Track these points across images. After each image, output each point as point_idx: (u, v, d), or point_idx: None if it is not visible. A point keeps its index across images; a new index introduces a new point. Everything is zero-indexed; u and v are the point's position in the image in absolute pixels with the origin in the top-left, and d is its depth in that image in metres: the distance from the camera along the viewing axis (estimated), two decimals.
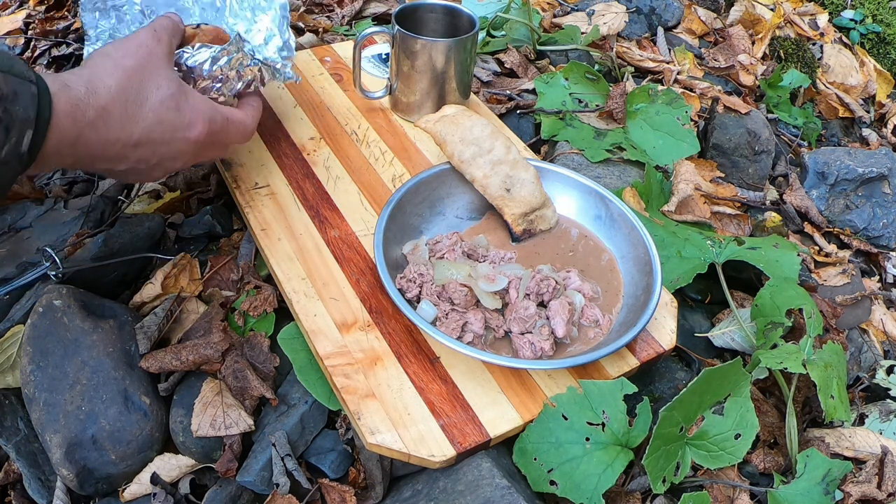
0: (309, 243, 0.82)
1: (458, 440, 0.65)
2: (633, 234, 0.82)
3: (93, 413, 0.69)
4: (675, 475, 0.67)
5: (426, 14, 1.01)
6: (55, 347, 0.71)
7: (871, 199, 1.18)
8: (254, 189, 0.88)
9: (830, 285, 1.03)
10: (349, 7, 1.41)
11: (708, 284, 0.90)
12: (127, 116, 0.64)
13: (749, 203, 1.11)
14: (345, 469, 0.72)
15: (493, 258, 0.81)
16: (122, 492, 0.70)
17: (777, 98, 1.41)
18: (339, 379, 0.69)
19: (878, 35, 1.72)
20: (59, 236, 0.85)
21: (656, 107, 1.12)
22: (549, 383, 0.71)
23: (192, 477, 0.72)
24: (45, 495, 0.71)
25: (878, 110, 1.57)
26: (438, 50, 0.94)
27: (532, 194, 0.84)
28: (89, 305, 0.76)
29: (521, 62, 1.26)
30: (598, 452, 0.66)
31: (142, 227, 0.83)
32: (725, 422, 0.70)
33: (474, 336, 0.72)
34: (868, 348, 0.98)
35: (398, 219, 0.81)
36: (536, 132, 1.12)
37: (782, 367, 0.72)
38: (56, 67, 1.28)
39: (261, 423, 0.73)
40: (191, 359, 0.73)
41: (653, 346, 0.76)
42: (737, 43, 1.48)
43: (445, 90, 0.99)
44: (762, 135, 1.19)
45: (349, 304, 0.76)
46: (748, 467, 0.74)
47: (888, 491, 0.73)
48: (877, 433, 0.81)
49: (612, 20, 1.36)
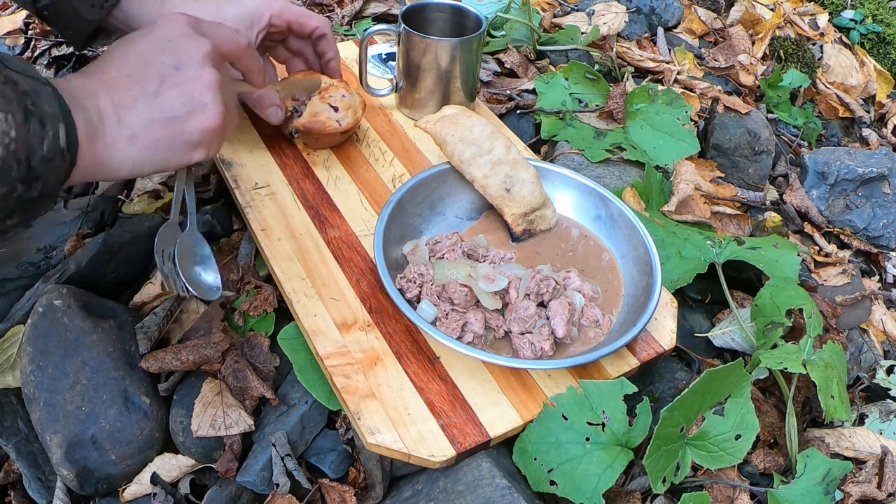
0: (309, 243, 0.82)
1: (458, 440, 0.65)
2: (633, 234, 0.82)
3: (93, 413, 0.69)
4: (675, 475, 0.67)
5: (433, 13, 1.02)
6: (55, 347, 0.71)
7: (871, 199, 1.18)
8: (254, 189, 0.88)
9: (830, 285, 1.03)
10: (349, 7, 1.41)
11: (708, 284, 0.90)
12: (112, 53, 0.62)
13: (749, 203, 1.11)
14: (345, 469, 0.72)
15: (493, 258, 0.81)
16: (122, 492, 0.70)
17: (777, 98, 1.41)
18: (339, 379, 0.69)
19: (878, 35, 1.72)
20: (58, 236, 0.85)
21: (656, 107, 1.12)
22: (549, 383, 0.71)
23: (192, 477, 0.72)
24: (45, 495, 0.71)
25: (878, 110, 1.57)
26: (444, 49, 0.94)
27: (532, 194, 0.84)
28: (89, 305, 0.76)
29: (521, 62, 1.26)
30: (598, 452, 0.66)
31: (142, 226, 0.83)
32: (726, 422, 0.70)
33: (474, 336, 0.72)
34: (868, 348, 0.98)
35: (398, 219, 0.81)
36: (536, 132, 1.12)
37: (782, 367, 0.72)
38: (56, 67, 1.28)
39: (261, 423, 0.73)
40: (191, 359, 0.73)
41: (653, 346, 0.76)
42: (737, 43, 1.48)
43: (451, 89, 0.99)
44: (762, 135, 1.19)
45: (349, 304, 0.76)
46: (748, 467, 0.74)
47: (888, 491, 0.73)
48: (877, 433, 0.81)
49: (612, 20, 1.36)
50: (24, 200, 0.52)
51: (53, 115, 0.52)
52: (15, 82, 0.51)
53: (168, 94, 0.61)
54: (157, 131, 0.61)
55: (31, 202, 0.53)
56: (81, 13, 0.76)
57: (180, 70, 0.62)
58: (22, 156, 0.50)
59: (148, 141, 0.60)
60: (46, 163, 0.52)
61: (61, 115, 0.53)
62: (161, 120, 0.61)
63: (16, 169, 0.50)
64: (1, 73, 0.50)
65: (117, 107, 0.59)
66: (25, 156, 0.50)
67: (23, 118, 0.49)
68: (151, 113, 0.60)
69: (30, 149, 0.50)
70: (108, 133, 0.58)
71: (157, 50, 0.62)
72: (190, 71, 0.62)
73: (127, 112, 0.59)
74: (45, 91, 0.53)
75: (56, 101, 0.53)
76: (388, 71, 1.12)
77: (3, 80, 0.50)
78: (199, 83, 0.62)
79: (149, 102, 0.60)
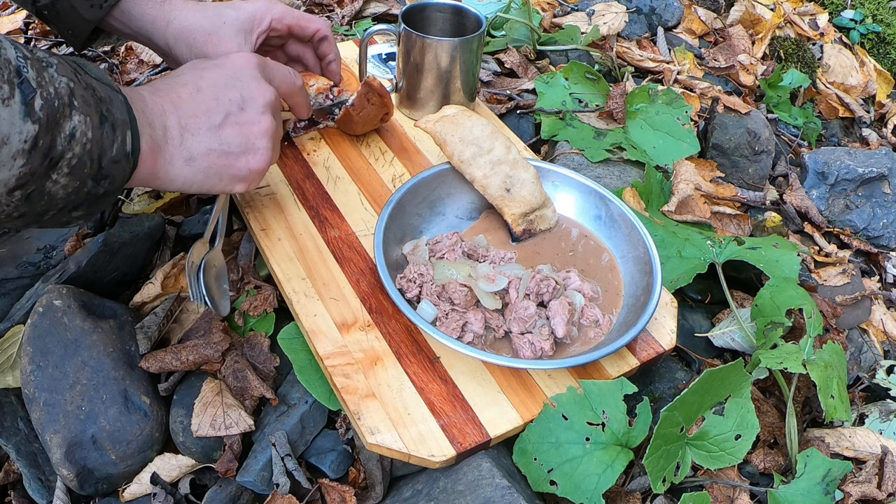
0: (309, 243, 0.82)
1: (458, 440, 0.65)
2: (633, 234, 0.82)
3: (93, 413, 0.69)
4: (675, 475, 0.67)
5: (434, 13, 1.02)
6: (55, 347, 0.71)
7: (871, 199, 1.18)
8: (254, 189, 0.87)
9: (830, 285, 1.03)
10: (349, 7, 1.41)
11: (708, 284, 0.90)
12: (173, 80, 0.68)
13: (749, 203, 1.11)
14: (345, 469, 0.72)
15: (493, 258, 0.81)
16: (122, 492, 0.70)
17: (777, 98, 1.41)
18: (339, 379, 0.69)
19: (878, 35, 1.72)
20: (59, 236, 0.85)
21: (656, 107, 1.12)
22: (549, 383, 0.71)
23: (192, 477, 0.72)
24: (45, 495, 0.71)
25: (878, 110, 1.57)
26: (444, 49, 0.94)
27: (532, 194, 0.84)
28: (89, 305, 0.76)
29: (521, 62, 1.26)
30: (598, 452, 0.66)
31: (142, 226, 0.83)
32: (726, 422, 0.70)
33: (474, 336, 0.72)
34: (868, 348, 0.98)
35: (398, 219, 0.81)
36: (536, 132, 1.12)
37: (782, 367, 0.72)
38: None
39: (261, 423, 0.73)
40: (191, 358, 0.73)
41: (653, 346, 0.76)
42: (737, 43, 1.48)
43: (451, 89, 0.99)
44: (762, 135, 1.19)
45: (349, 304, 0.76)
46: (748, 467, 0.74)
47: (888, 491, 0.73)
48: (877, 433, 0.81)
49: (612, 20, 1.36)
50: (92, 195, 0.58)
51: (123, 121, 0.58)
52: (94, 88, 0.56)
53: (229, 131, 0.68)
54: (213, 160, 0.67)
55: (98, 198, 0.59)
56: (81, 13, 0.77)
57: (244, 111, 0.68)
58: (95, 155, 0.55)
59: (202, 166, 0.67)
60: (114, 164, 0.58)
61: (129, 122, 0.59)
62: (218, 151, 0.67)
63: (89, 166, 0.55)
64: (82, 80, 0.55)
65: (182, 130, 0.65)
66: (98, 155, 0.56)
67: (98, 122, 0.55)
68: (211, 143, 0.67)
69: (102, 150, 0.56)
70: (169, 150, 0.64)
71: (227, 86, 0.68)
72: (252, 114, 0.69)
73: (191, 137, 0.65)
74: (118, 99, 0.59)
75: (126, 110, 0.59)
76: (388, 71, 1.12)
77: (84, 86, 0.55)
78: (258, 127, 0.69)
79: (211, 133, 0.67)
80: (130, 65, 1.26)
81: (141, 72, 1.24)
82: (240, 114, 0.68)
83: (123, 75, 1.24)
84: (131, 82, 1.22)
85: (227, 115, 0.67)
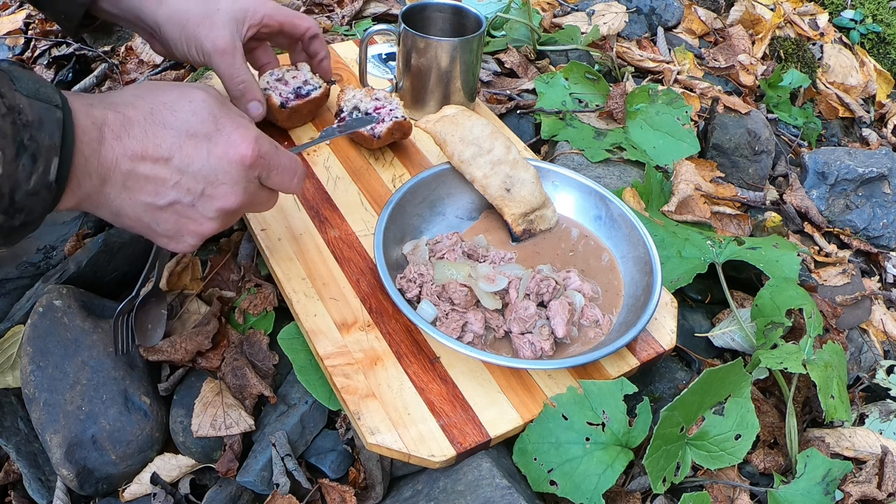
0: (309, 243, 0.82)
1: (458, 440, 0.65)
2: (633, 234, 0.82)
3: (93, 413, 0.69)
4: (675, 475, 0.67)
5: (434, 13, 1.02)
6: (55, 347, 0.71)
7: (871, 199, 1.18)
8: None
9: (830, 285, 1.03)
10: (349, 7, 1.41)
11: (708, 284, 0.90)
12: (153, 122, 0.60)
13: (749, 203, 1.11)
14: (345, 469, 0.72)
15: (493, 258, 0.81)
16: (122, 492, 0.70)
17: (777, 98, 1.41)
18: (339, 379, 0.69)
19: (878, 35, 1.72)
20: (58, 236, 0.85)
21: (656, 107, 1.12)
22: (549, 383, 0.71)
23: (192, 477, 0.72)
24: (45, 495, 0.71)
25: (878, 110, 1.57)
26: (444, 49, 0.94)
27: (532, 194, 0.84)
28: (89, 305, 0.76)
29: (521, 62, 1.26)
30: (598, 452, 0.66)
31: None
32: (726, 422, 0.70)
33: (474, 336, 0.72)
34: (868, 348, 0.98)
35: (398, 219, 0.81)
36: (536, 132, 1.12)
37: (782, 367, 0.72)
38: (56, 67, 1.28)
39: (261, 423, 0.73)
40: (185, 346, 0.73)
41: (653, 346, 0.76)
42: (737, 43, 1.48)
43: (451, 89, 0.99)
44: (762, 135, 1.19)
45: (349, 304, 0.76)
46: (748, 467, 0.74)
47: (888, 491, 0.73)
48: (877, 433, 0.81)
49: (612, 20, 1.36)
50: (5, 228, 0.54)
51: (50, 147, 0.53)
52: (18, 112, 0.51)
53: (166, 216, 0.63)
54: (137, 226, 0.63)
55: (14, 229, 0.54)
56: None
57: (194, 207, 0.63)
58: (6, 190, 0.51)
59: (126, 224, 0.63)
60: (31, 196, 0.53)
61: (59, 147, 0.53)
62: (144, 224, 0.63)
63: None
64: (5, 103, 0.50)
65: (123, 188, 0.60)
66: (9, 190, 0.51)
67: (14, 154, 0.50)
68: (143, 215, 0.62)
69: (15, 184, 0.51)
70: (100, 199, 0.60)
71: (199, 172, 0.61)
72: (198, 214, 0.63)
73: (127, 199, 0.60)
74: (52, 118, 0.53)
75: (60, 132, 0.53)
76: (388, 71, 1.12)
77: (5, 111, 0.50)
78: (196, 227, 0.64)
79: (147, 208, 0.62)
80: (130, 65, 1.26)
81: (141, 72, 1.25)
82: (187, 208, 0.62)
83: (123, 75, 1.24)
84: (131, 82, 1.22)
85: (174, 202, 0.62)
